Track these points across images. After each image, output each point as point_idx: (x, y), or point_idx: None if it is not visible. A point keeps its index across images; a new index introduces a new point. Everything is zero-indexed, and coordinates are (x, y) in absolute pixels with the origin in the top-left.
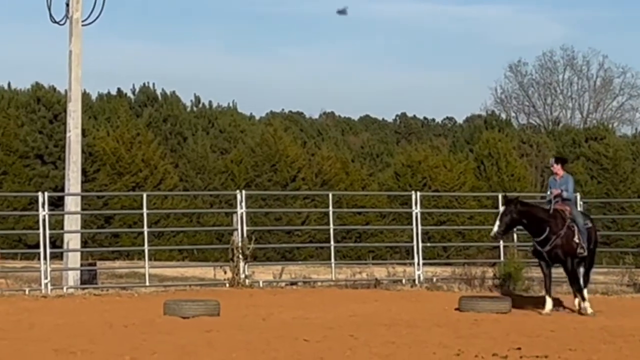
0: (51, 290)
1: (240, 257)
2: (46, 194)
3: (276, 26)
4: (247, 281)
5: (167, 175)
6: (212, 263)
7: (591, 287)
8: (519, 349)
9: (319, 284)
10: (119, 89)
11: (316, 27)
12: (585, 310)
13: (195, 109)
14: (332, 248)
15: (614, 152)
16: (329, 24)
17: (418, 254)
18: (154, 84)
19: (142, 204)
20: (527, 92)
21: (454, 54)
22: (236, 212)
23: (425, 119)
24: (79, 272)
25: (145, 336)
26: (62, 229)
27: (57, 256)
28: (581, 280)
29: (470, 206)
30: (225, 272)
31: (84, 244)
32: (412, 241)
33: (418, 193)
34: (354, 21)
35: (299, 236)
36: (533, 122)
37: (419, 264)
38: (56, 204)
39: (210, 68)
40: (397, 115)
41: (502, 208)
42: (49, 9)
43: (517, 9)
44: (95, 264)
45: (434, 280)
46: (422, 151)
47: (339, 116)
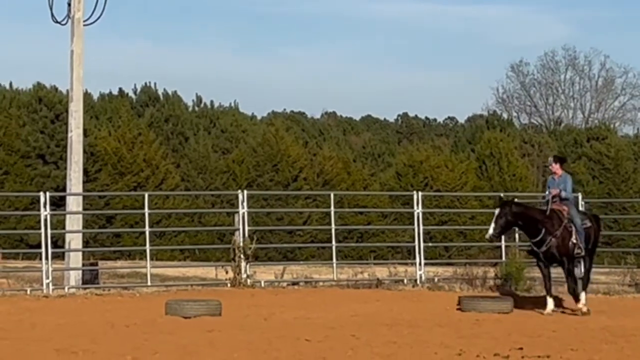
0: (53, 290)
1: (242, 257)
2: (48, 193)
3: (278, 26)
4: (248, 281)
5: (168, 175)
6: (213, 263)
7: (593, 287)
8: (521, 349)
9: (321, 283)
10: (120, 89)
11: (318, 27)
12: (580, 311)
13: (196, 108)
14: (333, 248)
15: (616, 152)
16: (330, 24)
17: (420, 253)
18: (155, 83)
19: (143, 204)
20: (529, 92)
21: (456, 53)
22: (238, 212)
23: (427, 118)
24: (80, 272)
25: (146, 336)
26: (63, 228)
27: (59, 256)
28: (579, 281)
29: (472, 206)
30: (226, 272)
31: (86, 243)
32: (413, 241)
33: (420, 193)
34: (355, 21)
35: (301, 236)
36: (535, 122)
37: (420, 264)
38: (58, 203)
39: (211, 68)
40: (399, 115)
41: (497, 210)
42: (51, 9)
43: (519, 9)
44: (96, 264)
45: (436, 280)
46: (423, 151)
47: (341, 116)
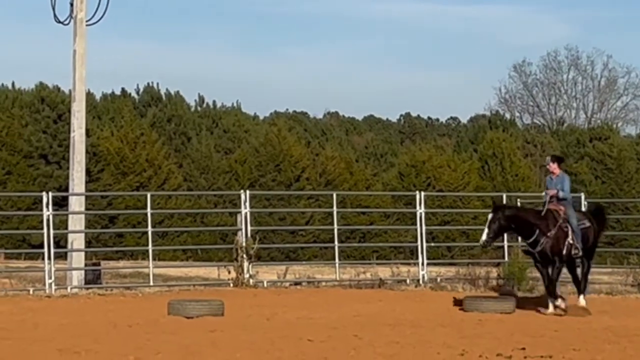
0: (55, 290)
1: (244, 257)
2: (50, 193)
3: (280, 26)
4: (251, 281)
5: (171, 175)
6: (216, 263)
7: (595, 287)
8: (523, 349)
9: (323, 284)
10: (123, 89)
11: (321, 27)
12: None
13: (199, 108)
14: (336, 248)
15: (618, 152)
16: (333, 23)
17: (422, 254)
18: (158, 84)
19: (146, 204)
20: (532, 92)
21: (459, 54)
22: (240, 212)
23: (430, 118)
24: (83, 272)
25: (149, 336)
26: (66, 228)
27: (61, 256)
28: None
29: (475, 206)
30: (229, 272)
31: (88, 243)
32: (416, 241)
33: (422, 193)
34: (358, 21)
35: (303, 236)
36: (537, 122)
37: (423, 264)
38: (60, 203)
39: (214, 68)
40: (401, 115)
41: (490, 215)
42: (53, 9)
43: (522, 9)
44: (99, 264)
45: (438, 280)
46: (426, 151)
47: (343, 116)
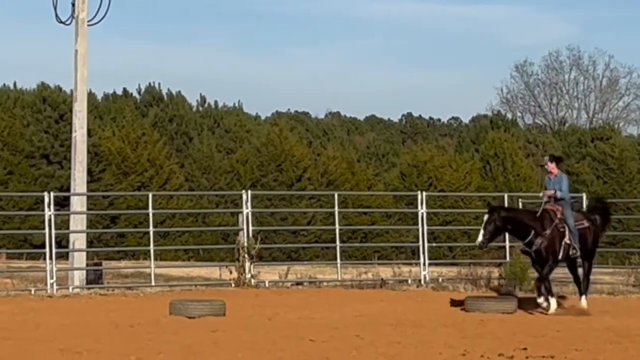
0: (57, 290)
1: (246, 257)
2: (52, 193)
3: (282, 26)
4: (252, 281)
5: (172, 175)
6: (217, 263)
7: (597, 287)
8: (525, 349)
9: (325, 284)
10: (124, 89)
11: (322, 27)
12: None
13: (200, 108)
14: (337, 248)
15: (620, 152)
16: (335, 23)
17: (424, 254)
18: (159, 83)
19: (147, 204)
20: (533, 92)
21: (460, 54)
22: (242, 212)
23: (431, 118)
24: (84, 272)
25: (151, 336)
26: (67, 228)
27: (63, 256)
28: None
29: (476, 206)
30: (230, 272)
31: (90, 243)
32: (417, 241)
33: (424, 193)
34: (360, 21)
35: (305, 236)
36: (539, 122)
37: (424, 264)
38: (62, 203)
39: (215, 68)
40: (403, 115)
41: (485, 217)
42: (55, 9)
43: (524, 9)
44: (100, 264)
45: (440, 280)
46: (427, 151)
47: (345, 116)
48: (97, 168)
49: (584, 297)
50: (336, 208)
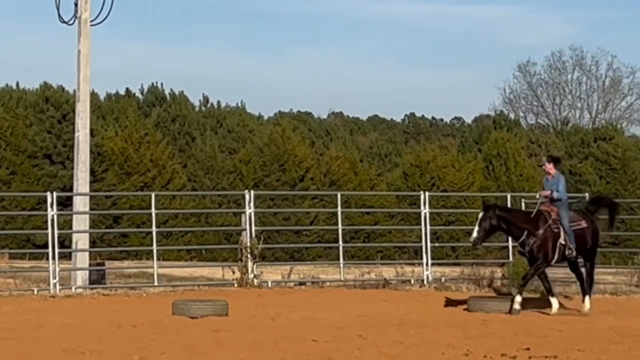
0: (60, 290)
1: (249, 257)
2: (55, 193)
3: (285, 26)
4: (255, 281)
5: (175, 175)
6: (220, 263)
7: (600, 287)
8: (528, 349)
9: (328, 284)
10: (127, 89)
11: (325, 26)
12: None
13: (203, 108)
14: (340, 248)
15: (623, 152)
16: (337, 23)
17: (426, 254)
18: (162, 84)
19: (150, 204)
20: (536, 92)
21: (463, 54)
22: (244, 212)
23: (434, 119)
24: (87, 272)
25: (153, 336)
26: (70, 228)
27: (66, 256)
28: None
29: (479, 206)
30: (233, 272)
31: (93, 243)
32: (420, 241)
33: (426, 193)
34: (362, 21)
35: (308, 236)
36: (542, 122)
37: (427, 264)
38: (65, 203)
39: (218, 68)
40: (406, 115)
41: (480, 214)
42: (58, 9)
43: (526, 9)
44: (103, 264)
45: (443, 280)
46: (430, 151)
47: (348, 116)
48: (100, 168)
49: (587, 298)
50: (339, 208)
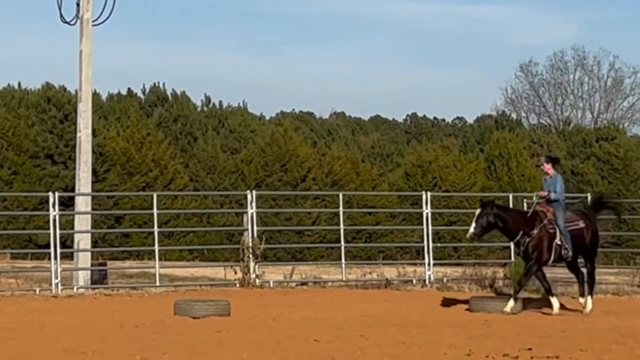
0: (61, 290)
1: (251, 257)
2: (57, 194)
3: (287, 26)
4: (257, 281)
5: (177, 175)
6: (222, 263)
7: (602, 288)
8: (530, 349)
9: (330, 284)
10: (129, 89)
11: (326, 27)
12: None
13: (205, 109)
14: (342, 248)
15: (625, 152)
16: (339, 23)
17: (428, 254)
18: (164, 83)
19: (152, 204)
20: (538, 92)
21: (465, 54)
22: (246, 212)
23: (436, 119)
24: (89, 272)
25: (155, 336)
26: (72, 229)
27: (68, 256)
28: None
29: None
30: (235, 272)
31: (94, 244)
32: (422, 241)
33: (428, 193)
34: (364, 21)
35: (309, 236)
36: (544, 122)
37: (429, 264)
38: (66, 204)
39: (220, 68)
40: (408, 115)
41: (478, 210)
42: (60, 9)
43: (528, 9)
44: (105, 264)
45: (445, 280)
46: (432, 151)
47: (349, 116)
48: (102, 168)
49: (589, 298)
50: (341, 208)
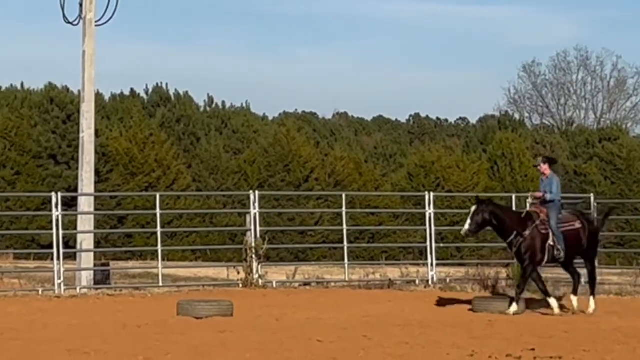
0: (64, 290)
1: (254, 258)
2: (59, 194)
3: (290, 26)
4: (260, 281)
5: (180, 175)
6: (225, 263)
7: (605, 288)
8: (533, 349)
9: (333, 284)
10: (132, 89)
11: (329, 27)
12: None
13: (208, 109)
14: (345, 248)
15: (628, 152)
16: (342, 24)
17: (431, 254)
18: (167, 84)
19: (155, 204)
20: (541, 92)
21: (468, 54)
22: (249, 213)
23: (439, 119)
24: (92, 272)
25: (158, 336)
26: (75, 229)
27: (71, 256)
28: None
29: None
30: (238, 273)
31: (97, 244)
32: (425, 242)
33: (431, 193)
34: (366, 21)
35: (312, 236)
36: (546, 122)
37: (432, 264)
38: (69, 204)
39: (223, 68)
40: (411, 116)
41: (474, 207)
42: (63, 10)
43: (532, 9)
44: (108, 264)
45: (448, 281)
46: (435, 152)
47: (352, 116)
48: (105, 168)
49: (592, 298)
50: (344, 208)
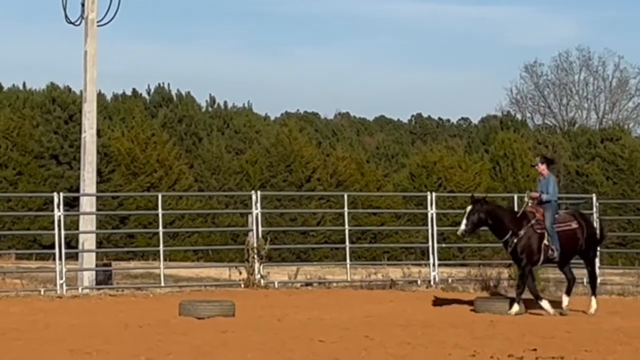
0: (66, 290)
1: (256, 258)
2: (61, 194)
3: (292, 26)
4: (262, 282)
5: (182, 175)
6: (227, 264)
7: (607, 288)
8: (535, 350)
9: (334, 284)
10: (134, 90)
11: (331, 27)
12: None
13: (210, 109)
14: (347, 249)
15: (630, 152)
16: (344, 24)
17: (433, 254)
18: (169, 84)
19: (157, 205)
20: (543, 92)
21: (470, 54)
22: (251, 213)
23: (441, 119)
24: (94, 272)
25: (160, 337)
26: (77, 229)
27: (72, 256)
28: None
29: None
30: (240, 273)
31: (99, 244)
32: (427, 242)
33: (433, 194)
34: (369, 21)
35: (314, 237)
36: (548, 122)
37: (434, 264)
38: (71, 204)
39: (225, 69)
40: (412, 116)
41: (469, 207)
42: (65, 10)
43: (533, 10)
44: (110, 265)
45: (450, 281)
46: (437, 152)
47: (354, 117)
48: (107, 168)
49: (593, 298)
50: (345, 209)
